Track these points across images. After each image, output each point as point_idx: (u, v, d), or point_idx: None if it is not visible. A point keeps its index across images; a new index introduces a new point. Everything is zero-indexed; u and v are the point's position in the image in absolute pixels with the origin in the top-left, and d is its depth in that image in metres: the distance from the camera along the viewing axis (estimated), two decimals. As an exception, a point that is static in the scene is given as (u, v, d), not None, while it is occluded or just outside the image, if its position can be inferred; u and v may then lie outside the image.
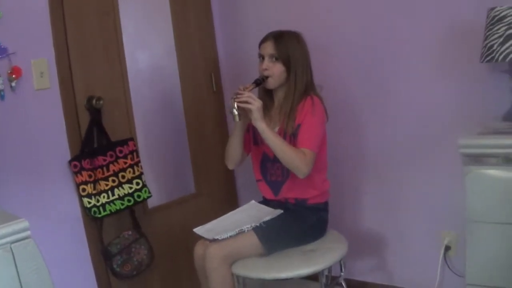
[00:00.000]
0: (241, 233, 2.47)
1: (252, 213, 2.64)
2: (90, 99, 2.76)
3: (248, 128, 2.69)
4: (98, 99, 2.76)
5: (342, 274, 2.64)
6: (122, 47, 2.94)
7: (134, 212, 2.92)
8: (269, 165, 2.69)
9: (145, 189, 2.89)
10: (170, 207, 3.21)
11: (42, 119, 2.57)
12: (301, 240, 2.58)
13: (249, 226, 2.49)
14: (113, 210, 2.77)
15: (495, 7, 2.28)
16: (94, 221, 2.76)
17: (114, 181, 2.80)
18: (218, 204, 3.41)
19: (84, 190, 2.68)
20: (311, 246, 2.56)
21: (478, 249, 2.24)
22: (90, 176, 2.71)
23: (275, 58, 2.57)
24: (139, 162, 2.89)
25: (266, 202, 2.73)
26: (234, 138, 2.66)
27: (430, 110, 2.79)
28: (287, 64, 2.56)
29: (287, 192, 2.65)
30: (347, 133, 3.09)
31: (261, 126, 2.46)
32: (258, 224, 2.49)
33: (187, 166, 3.35)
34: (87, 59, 2.79)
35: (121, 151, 2.83)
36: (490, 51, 2.26)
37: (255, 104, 2.44)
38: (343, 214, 3.14)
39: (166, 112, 3.28)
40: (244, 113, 2.48)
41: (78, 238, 2.72)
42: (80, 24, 2.75)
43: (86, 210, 2.71)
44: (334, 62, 3.05)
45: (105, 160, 2.78)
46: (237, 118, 2.48)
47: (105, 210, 2.75)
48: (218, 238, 2.43)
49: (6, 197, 2.35)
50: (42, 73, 2.55)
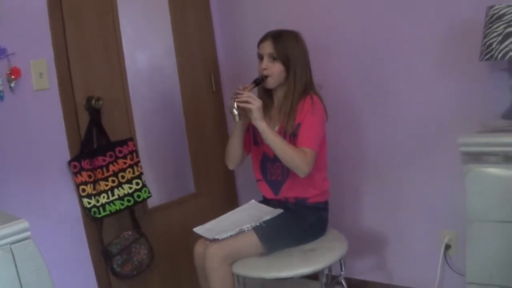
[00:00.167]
0: (241, 232, 2.47)
1: (252, 212, 2.64)
2: (89, 99, 2.76)
3: (248, 128, 2.69)
4: (98, 99, 2.76)
5: (342, 273, 2.64)
6: (121, 47, 2.94)
7: (134, 212, 2.92)
8: (269, 164, 2.68)
9: (145, 189, 2.89)
10: (170, 207, 3.21)
11: (41, 120, 2.57)
12: (301, 239, 2.57)
13: (249, 225, 2.48)
14: (113, 210, 2.77)
15: (494, 5, 2.28)
16: (94, 221, 2.76)
17: (114, 181, 2.80)
18: (218, 204, 3.41)
19: (84, 190, 2.68)
20: (311, 245, 2.56)
21: (478, 247, 2.24)
22: (90, 176, 2.71)
23: (274, 57, 2.56)
24: (139, 162, 2.89)
25: (266, 201, 2.73)
26: (234, 138, 2.66)
27: (430, 110, 2.79)
28: (286, 63, 2.56)
29: (287, 191, 2.65)
30: (347, 133, 3.09)
31: (261, 125, 2.45)
32: (258, 223, 2.49)
33: (187, 166, 3.35)
34: (86, 60, 2.78)
35: (120, 151, 2.82)
36: (489, 50, 2.26)
37: (255, 103, 2.44)
38: (343, 214, 3.14)
39: (166, 112, 3.28)
40: (244, 113, 2.48)
41: (78, 239, 2.72)
42: (79, 24, 2.75)
43: (86, 211, 2.71)
44: (334, 62, 3.05)
45: (104, 160, 2.78)
46: (237, 118, 2.48)
47: (105, 210, 2.74)
48: (218, 238, 2.43)
49: (6, 197, 2.35)
50: (41, 73, 2.55)
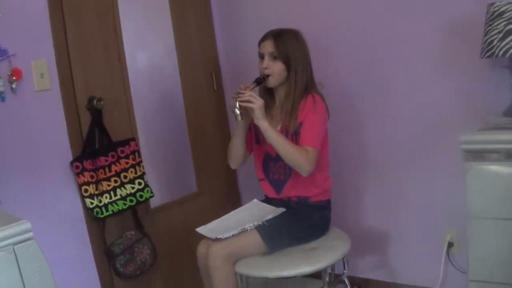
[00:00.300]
0: (243, 232, 2.47)
1: (254, 211, 2.64)
2: (91, 100, 2.76)
3: (250, 127, 2.69)
4: (99, 100, 2.76)
5: (345, 271, 2.64)
6: (122, 47, 2.94)
7: (137, 212, 2.92)
8: (271, 164, 2.68)
9: (147, 189, 2.89)
10: (172, 207, 3.21)
11: (43, 120, 2.57)
12: (303, 238, 2.58)
13: (251, 225, 2.49)
14: (115, 210, 2.78)
15: (495, 3, 2.28)
16: (96, 221, 2.76)
17: (116, 181, 2.80)
18: (220, 203, 3.42)
19: (86, 190, 2.69)
20: (314, 244, 2.56)
21: (480, 245, 2.24)
22: (92, 176, 2.71)
23: (275, 56, 2.56)
24: (141, 162, 2.89)
25: (268, 200, 2.73)
26: (236, 138, 2.66)
27: (431, 108, 2.79)
28: (287, 62, 2.56)
29: (290, 190, 2.65)
30: (348, 132, 3.09)
31: (263, 125, 2.45)
32: (261, 222, 2.49)
33: (189, 166, 3.35)
34: (87, 60, 2.79)
35: (122, 151, 2.83)
36: (490, 47, 2.26)
37: (257, 103, 2.44)
38: (346, 212, 3.14)
39: (167, 111, 3.28)
40: (246, 112, 2.48)
41: (81, 239, 2.72)
42: (79, 24, 2.75)
43: (88, 211, 2.71)
44: (334, 62, 3.05)
45: (106, 160, 2.78)
46: (239, 117, 2.48)
47: (107, 210, 2.75)
48: (220, 237, 2.43)
49: (8, 198, 2.35)
50: (43, 74, 2.55)
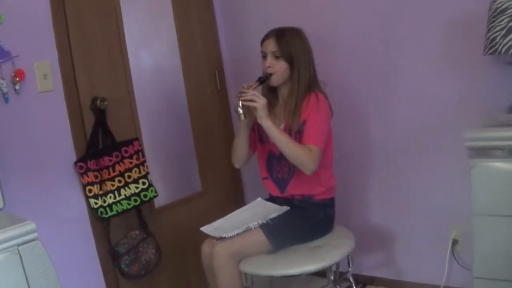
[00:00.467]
0: (248, 230, 2.47)
1: (258, 210, 2.64)
2: (94, 100, 2.76)
3: (253, 126, 2.69)
4: (103, 100, 2.76)
5: (350, 269, 2.64)
6: (125, 47, 2.95)
7: (141, 211, 2.93)
8: (275, 162, 2.68)
9: (151, 188, 2.89)
10: (177, 206, 3.22)
11: (46, 121, 2.58)
12: (308, 236, 2.57)
13: (255, 223, 2.49)
14: (120, 210, 2.78)
15: (497, -1, 2.27)
16: (101, 221, 2.76)
17: (120, 181, 2.81)
18: (224, 202, 3.42)
19: (90, 191, 2.69)
20: (318, 242, 2.56)
21: (485, 242, 2.23)
22: (96, 177, 2.71)
23: (278, 55, 2.56)
24: (145, 161, 2.89)
25: (272, 199, 2.73)
26: (240, 137, 2.66)
27: (434, 106, 2.78)
28: (290, 61, 2.56)
29: (293, 189, 2.64)
30: (352, 130, 3.09)
31: (266, 124, 2.45)
32: (265, 221, 2.49)
33: (193, 165, 3.36)
34: (90, 60, 2.79)
35: (126, 151, 2.83)
36: (493, 43, 2.25)
37: (260, 102, 2.44)
38: (350, 210, 3.14)
39: (171, 111, 3.28)
40: (249, 111, 2.48)
41: (86, 239, 2.73)
42: (82, 25, 2.75)
43: (93, 211, 2.71)
44: (337, 59, 3.04)
45: (110, 160, 2.78)
46: (242, 116, 2.47)
47: (112, 210, 2.75)
48: (225, 236, 2.44)
49: (12, 199, 2.35)
50: (46, 75, 2.55)
